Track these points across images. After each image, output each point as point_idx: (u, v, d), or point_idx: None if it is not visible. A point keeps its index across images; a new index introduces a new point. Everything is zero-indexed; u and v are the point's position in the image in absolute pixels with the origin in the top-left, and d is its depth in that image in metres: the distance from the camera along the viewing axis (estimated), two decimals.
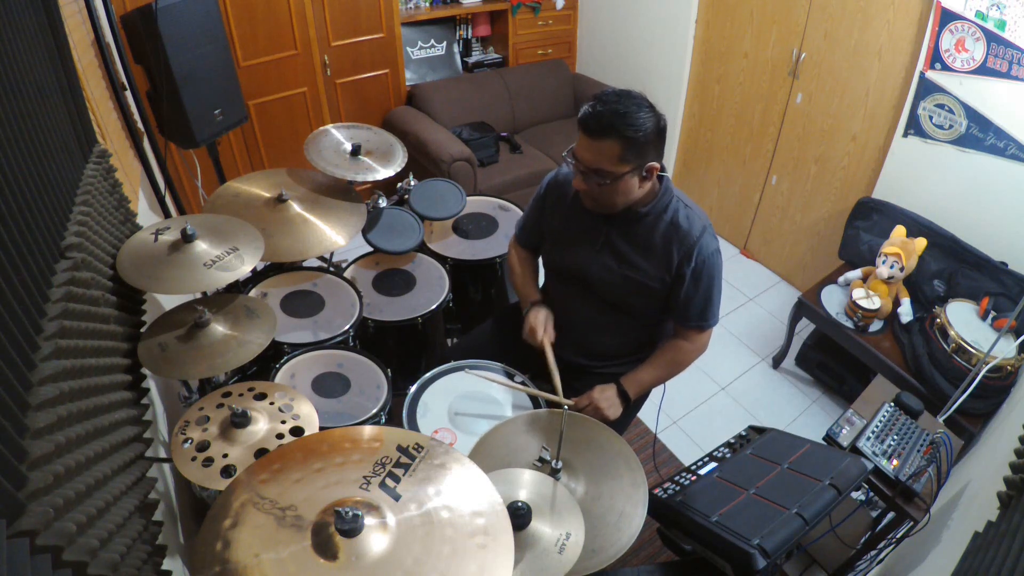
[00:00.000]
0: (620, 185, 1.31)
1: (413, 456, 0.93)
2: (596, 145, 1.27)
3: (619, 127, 1.24)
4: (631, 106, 1.25)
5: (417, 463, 0.92)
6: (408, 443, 0.95)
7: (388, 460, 0.91)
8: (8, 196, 0.84)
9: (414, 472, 0.90)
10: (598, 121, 1.25)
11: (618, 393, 1.50)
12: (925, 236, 2.35)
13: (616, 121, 1.24)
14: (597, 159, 1.28)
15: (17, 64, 0.99)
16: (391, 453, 0.93)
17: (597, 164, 1.29)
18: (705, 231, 1.41)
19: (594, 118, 1.25)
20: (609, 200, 1.36)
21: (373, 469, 0.90)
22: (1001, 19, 2.06)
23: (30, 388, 0.78)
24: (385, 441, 0.95)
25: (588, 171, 1.31)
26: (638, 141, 1.26)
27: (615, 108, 1.24)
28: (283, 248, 1.67)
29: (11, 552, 0.59)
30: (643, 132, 1.25)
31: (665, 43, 3.45)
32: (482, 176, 3.26)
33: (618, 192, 1.33)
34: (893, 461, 1.47)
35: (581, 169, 1.32)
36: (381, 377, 1.60)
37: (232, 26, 2.71)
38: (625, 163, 1.28)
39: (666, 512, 1.26)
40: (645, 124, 1.25)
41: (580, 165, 1.32)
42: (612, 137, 1.25)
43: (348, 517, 0.77)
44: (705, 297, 1.44)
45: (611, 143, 1.25)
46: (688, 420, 2.55)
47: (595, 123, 1.25)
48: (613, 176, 1.29)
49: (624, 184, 1.31)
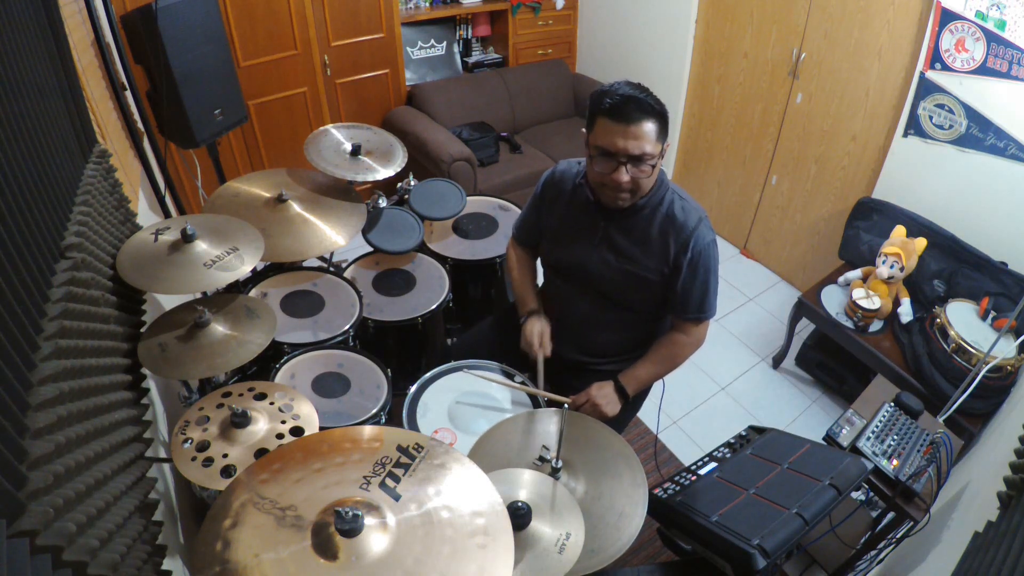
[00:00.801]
0: (658, 165, 1.34)
1: (413, 456, 0.93)
2: (636, 130, 1.27)
3: (651, 105, 1.27)
4: (641, 89, 1.30)
5: (417, 463, 0.92)
6: (408, 443, 0.95)
7: (388, 460, 0.91)
8: (8, 196, 0.84)
9: (414, 472, 0.90)
10: (637, 104, 1.26)
11: (616, 389, 1.50)
12: (925, 236, 2.35)
13: (648, 101, 1.27)
14: (641, 144, 1.28)
15: (17, 64, 0.99)
16: (391, 453, 0.93)
17: (641, 149, 1.28)
18: (701, 222, 1.41)
19: (631, 103, 1.26)
20: (645, 186, 1.37)
21: (373, 469, 0.90)
22: (1001, 19, 2.06)
23: (30, 388, 0.78)
24: (385, 441, 0.95)
25: (631, 159, 1.30)
26: (666, 117, 1.30)
27: (638, 92, 1.28)
28: (283, 248, 1.67)
29: (11, 552, 0.59)
30: (664, 108, 1.30)
31: (665, 43, 3.45)
32: (482, 176, 3.26)
33: (653, 175, 1.36)
34: (893, 461, 1.47)
35: (621, 160, 1.30)
36: (381, 377, 1.60)
37: (232, 26, 2.71)
38: (660, 141, 1.31)
39: (666, 512, 1.26)
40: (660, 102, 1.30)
41: (621, 157, 1.30)
42: (650, 118, 1.27)
43: (348, 517, 0.77)
44: (703, 288, 1.44)
45: (650, 124, 1.27)
46: (688, 420, 2.55)
47: (635, 107, 1.26)
48: (655, 157, 1.31)
49: (659, 163, 1.34)
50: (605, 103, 1.28)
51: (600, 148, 1.31)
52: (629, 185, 1.33)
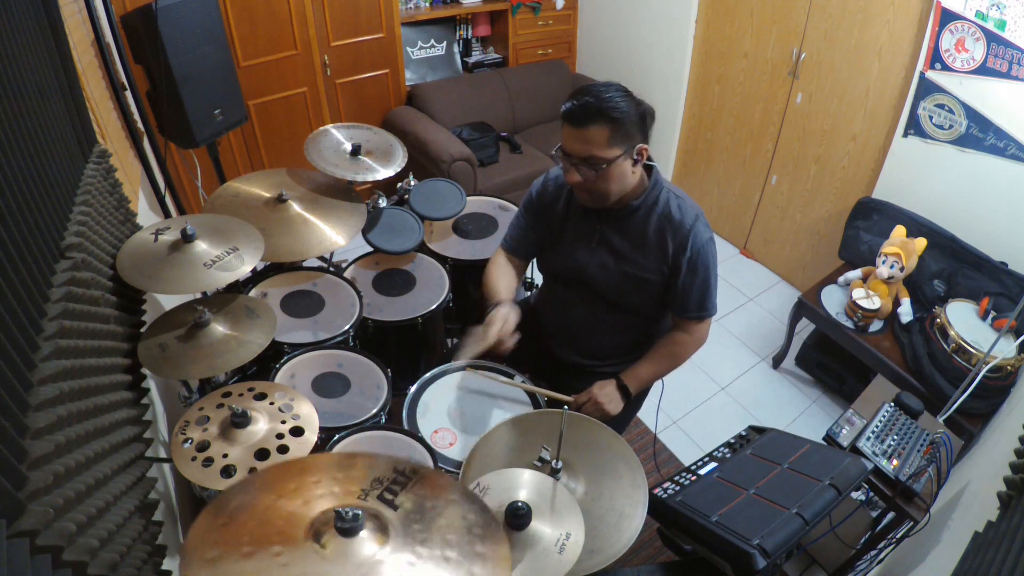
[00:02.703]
0: (613, 171, 1.32)
1: (410, 478, 0.88)
2: (583, 133, 1.28)
3: (603, 110, 1.27)
4: (609, 91, 1.29)
5: (412, 484, 0.87)
6: (404, 467, 0.88)
7: (385, 479, 0.86)
8: (8, 196, 0.84)
9: (410, 490, 0.86)
10: (583, 109, 1.27)
11: (618, 388, 1.50)
12: (925, 236, 2.35)
13: (598, 105, 1.27)
14: (586, 147, 1.29)
15: (17, 64, 0.99)
16: (387, 474, 0.87)
17: (587, 152, 1.30)
18: (698, 220, 1.41)
19: (578, 107, 1.28)
20: (605, 189, 1.36)
21: (371, 484, 0.85)
22: (1001, 19, 2.06)
23: (30, 388, 0.78)
24: (382, 465, 0.89)
25: (580, 161, 1.32)
26: (623, 122, 1.28)
27: (595, 95, 1.28)
28: (283, 248, 1.66)
29: (11, 552, 0.59)
30: (625, 113, 1.28)
31: (665, 43, 3.45)
32: (482, 176, 3.26)
33: (612, 179, 1.34)
34: (893, 461, 1.47)
35: (573, 162, 1.33)
36: (381, 377, 1.60)
37: (232, 26, 2.71)
38: (614, 146, 1.29)
39: (666, 512, 1.26)
40: (625, 106, 1.28)
41: (571, 158, 1.33)
42: (597, 122, 1.27)
43: (348, 517, 0.77)
44: (702, 286, 1.44)
45: (597, 128, 1.27)
46: (688, 420, 2.55)
47: (580, 111, 1.28)
48: (605, 161, 1.30)
49: (617, 169, 1.32)
50: (564, 105, 1.31)
51: (561, 149, 1.36)
52: (583, 185, 1.36)
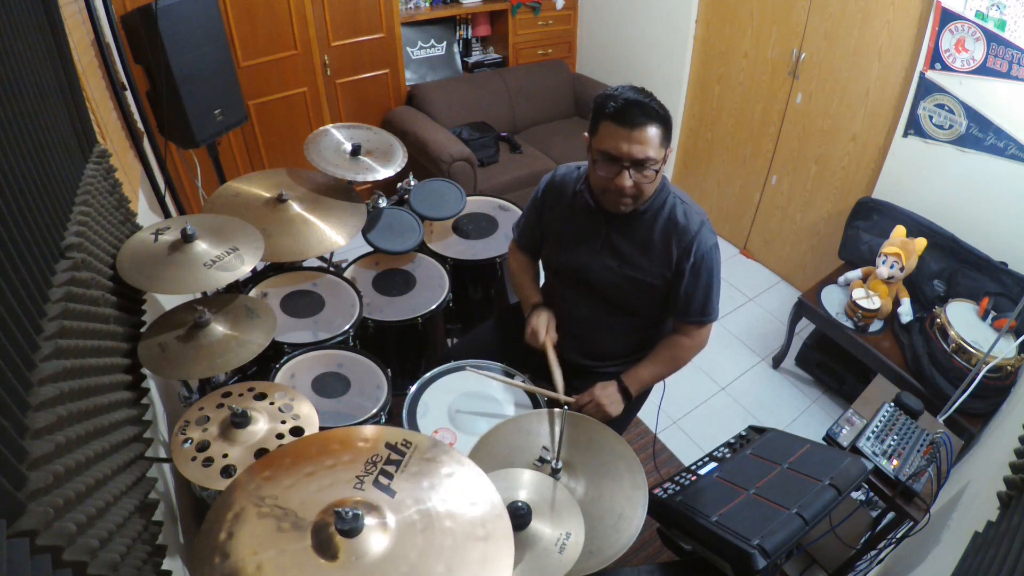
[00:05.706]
0: (661, 170, 1.33)
1: (403, 452, 0.93)
2: (639, 135, 1.26)
3: (655, 110, 1.27)
4: (647, 93, 1.29)
5: (407, 459, 0.92)
6: (396, 440, 0.95)
7: (379, 458, 0.91)
8: (8, 196, 0.84)
9: (405, 468, 0.90)
10: (641, 109, 1.26)
11: (619, 389, 1.50)
12: (925, 236, 2.35)
13: (650, 105, 1.26)
14: (644, 148, 1.27)
15: (17, 64, 0.99)
16: (380, 451, 0.93)
17: (644, 154, 1.28)
18: (703, 226, 1.41)
19: (635, 107, 1.26)
20: (648, 191, 1.36)
21: (364, 468, 0.89)
22: (1001, 19, 2.06)
23: (30, 388, 0.78)
24: (372, 439, 0.95)
25: (635, 164, 1.29)
26: (670, 122, 1.29)
27: (642, 96, 1.27)
28: (283, 248, 1.67)
29: (11, 552, 0.59)
30: (668, 113, 1.29)
31: (665, 43, 3.45)
32: (482, 176, 3.26)
33: (656, 180, 1.35)
34: (893, 461, 1.47)
35: (626, 165, 1.30)
36: (381, 377, 1.60)
37: (232, 26, 2.71)
38: (663, 146, 1.30)
39: (666, 512, 1.26)
40: (663, 106, 1.29)
41: (624, 161, 1.29)
42: (653, 122, 1.27)
43: (348, 517, 0.77)
44: (705, 292, 1.44)
45: (653, 129, 1.27)
46: (688, 420, 2.55)
47: (639, 111, 1.26)
48: (659, 163, 1.30)
49: (663, 169, 1.34)
50: (609, 107, 1.27)
51: (604, 152, 1.31)
52: (632, 190, 1.32)
